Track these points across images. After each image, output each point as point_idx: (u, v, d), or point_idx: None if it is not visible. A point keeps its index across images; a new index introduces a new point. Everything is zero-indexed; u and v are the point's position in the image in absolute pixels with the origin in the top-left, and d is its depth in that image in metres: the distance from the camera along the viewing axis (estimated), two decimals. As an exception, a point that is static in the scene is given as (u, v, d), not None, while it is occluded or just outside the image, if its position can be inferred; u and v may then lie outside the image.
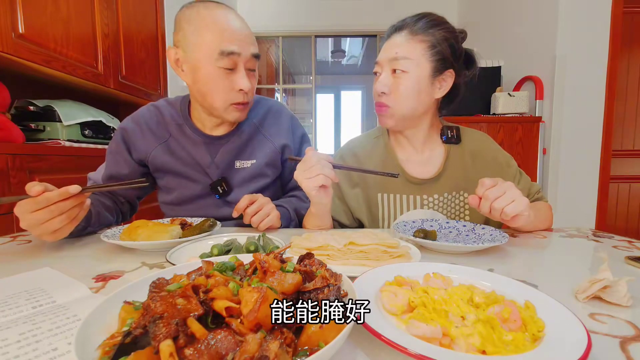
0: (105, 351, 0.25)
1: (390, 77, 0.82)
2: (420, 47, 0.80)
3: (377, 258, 0.55)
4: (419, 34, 0.80)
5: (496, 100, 2.34)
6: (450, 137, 0.91)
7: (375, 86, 0.84)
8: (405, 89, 0.81)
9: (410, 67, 0.79)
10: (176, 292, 0.28)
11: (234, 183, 0.94)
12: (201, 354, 0.23)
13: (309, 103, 5.39)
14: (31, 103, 1.41)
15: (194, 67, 0.81)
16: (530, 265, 0.60)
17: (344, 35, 5.06)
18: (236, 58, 0.80)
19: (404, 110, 0.83)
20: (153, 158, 0.91)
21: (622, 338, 0.34)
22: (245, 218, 0.81)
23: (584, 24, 2.19)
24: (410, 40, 0.80)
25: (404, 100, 0.82)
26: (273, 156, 0.97)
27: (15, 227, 1.16)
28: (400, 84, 0.81)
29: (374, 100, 0.87)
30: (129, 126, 0.93)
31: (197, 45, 0.79)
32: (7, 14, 1.21)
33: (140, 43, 2.04)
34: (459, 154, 0.90)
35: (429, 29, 0.80)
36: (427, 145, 0.92)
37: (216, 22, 0.79)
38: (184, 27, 0.80)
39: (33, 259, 0.61)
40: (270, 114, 1.00)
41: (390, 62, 0.81)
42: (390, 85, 0.82)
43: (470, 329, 0.32)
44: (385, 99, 0.83)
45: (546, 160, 2.31)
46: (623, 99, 2.49)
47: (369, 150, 0.95)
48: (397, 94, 0.82)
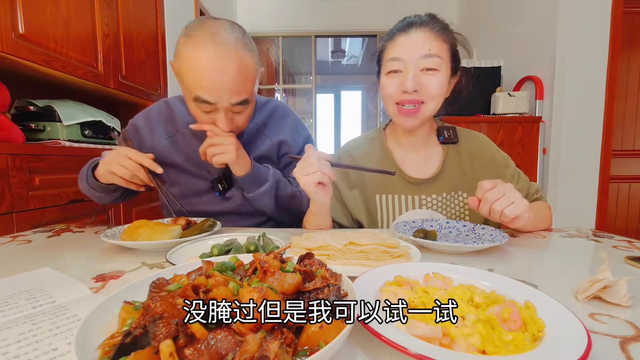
0: (105, 351, 0.25)
1: (420, 74, 0.77)
2: (445, 47, 0.78)
3: (377, 258, 0.55)
4: (442, 34, 0.78)
5: (496, 100, 2.34)
6: (447, 137, 0.90)
7: (406, 84, 0.76)
8: (438, 85, 0.77)
9: (441, 65, 0.77)
10: (176, 292, 0.28)
11: (234, 180, 0.95)
12: (201, 354, 0.23)
13: (309, 103, 5.39)
14: (31, 103, 1.41)
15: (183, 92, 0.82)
16: (530, 265, 0.60)
17: (344, 35, 5.06)
18: (212, 106, 0.78)
19: (432, 110, 0.81)
20: (159, 151, 0.93)
21: (622, 338, 0.34)
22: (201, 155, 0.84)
23: (584, 24, 2.19)
24: (437, 38, 0.77)
25: (435, 97, 0.79)
26: (269, 150, 0.97)
27: (15, 227, 1.16)
28: (433, 82, 0.77)
29: (394, 98, 0.80)
30: (139, 122, 0.96)
31: (180, 81, 0.80)
32: (7, 13, 1.21)
33: (140, 43, 2.04)
34: (456, 154, 0.90)
35: (446, 30, 0.79)
36: (425, 146, 0.91)
37: (197, 68, 0.73)
38: (175, 55, 0.78)
39: (33, 259, 0.61)
40: (275, 115, 1.01)
41: (420, 60, 0.76)
42: (423, 82, 0.77)
43: (470, 329, 0.32)
44: (417, 95, 0.78)
45: (546, 160, 2.31)
46: (623, 99, 2.49)
47: (366, 152, 0.94)
48: (430, 91, 0.78)
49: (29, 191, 1.23)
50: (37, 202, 1.25)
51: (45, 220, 1.27)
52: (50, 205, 1.32)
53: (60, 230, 0.86)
